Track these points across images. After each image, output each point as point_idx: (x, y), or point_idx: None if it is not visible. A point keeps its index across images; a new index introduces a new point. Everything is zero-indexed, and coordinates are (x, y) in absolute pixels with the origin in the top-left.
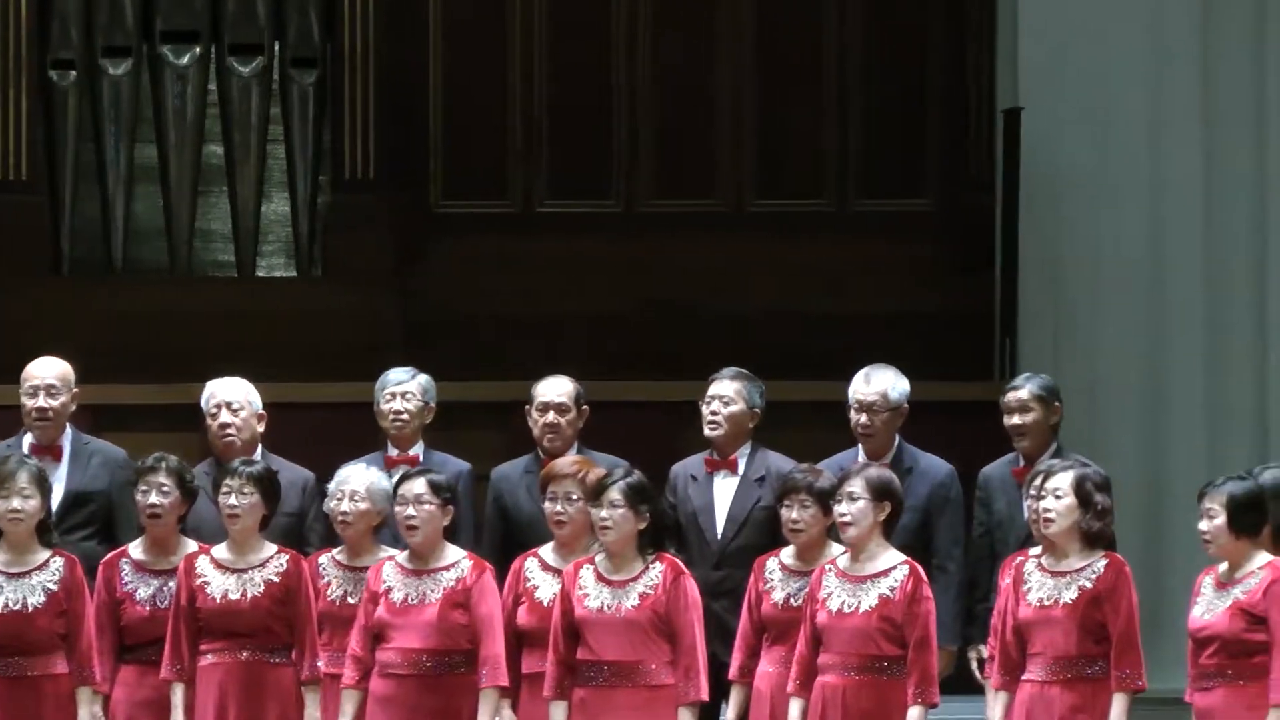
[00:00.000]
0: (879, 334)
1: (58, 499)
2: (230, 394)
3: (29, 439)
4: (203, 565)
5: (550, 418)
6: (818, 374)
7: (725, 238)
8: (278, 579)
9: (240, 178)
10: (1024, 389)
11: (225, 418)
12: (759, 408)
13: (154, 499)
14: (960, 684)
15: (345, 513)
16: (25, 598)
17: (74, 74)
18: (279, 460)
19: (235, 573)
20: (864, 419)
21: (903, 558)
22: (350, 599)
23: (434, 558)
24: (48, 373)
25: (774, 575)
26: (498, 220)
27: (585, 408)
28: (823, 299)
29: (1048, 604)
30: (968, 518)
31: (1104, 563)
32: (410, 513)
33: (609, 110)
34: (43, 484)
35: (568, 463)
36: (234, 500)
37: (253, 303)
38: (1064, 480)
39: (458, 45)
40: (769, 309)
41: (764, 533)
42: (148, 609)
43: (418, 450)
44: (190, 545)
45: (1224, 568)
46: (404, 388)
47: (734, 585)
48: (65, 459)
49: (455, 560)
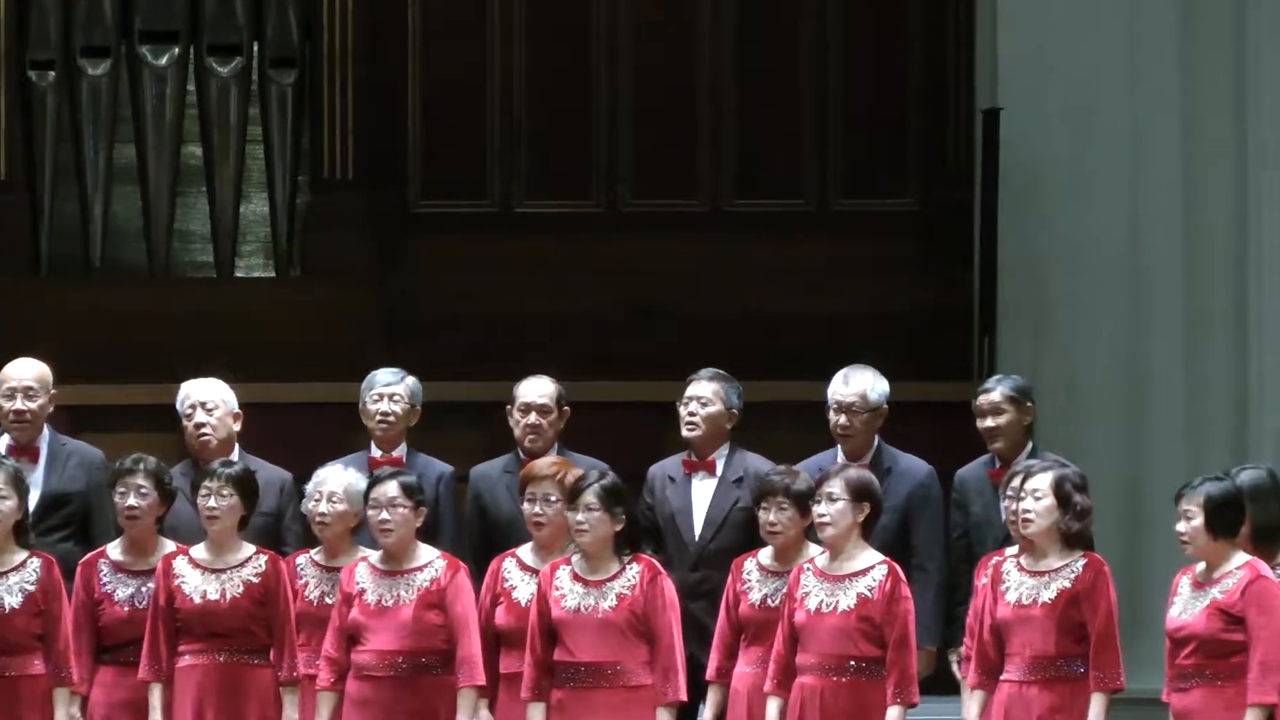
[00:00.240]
0: (858, 334)
1: (35, 500)
2: (204, 394)
3: (6, 440)
4: (181, 566)
5: (532, 418)
6: (797, 374)
7: (705, 238)
8: (257, 579)
9: (219, 178)
10: (996, 391)
11: (200, 417)
12: (737, 409)
13: (132, 501)
14: (940, 684)
15: (323, 514)
16: (2, 598)
17: (52, 74)
18: (256, 460)
19: (214, 573)
20: (843, 420)
21: (881, 557)
22: (328, 600)
23: (407, 558)
24: (25, 375)
25: (752, 576)
26: (477, 220)
27: (566, 409)
28: (802, 299)
29: (1026, 604)
30: (947, 518)
31: (1083, 562)
32: (384, 516)
33: (588, 110)
34: (19, 485)
35: (546, 464)
36: (213, 502)
37: (231, 303)
38: (1043, 481)
39: (437, 45)
40: (748, 309)
41: (742, 534)
42: (126, 609)
43: (401, 451)
44: (168, 546)
45: (1201, 568)
46: (392, 389)
47: (712, 586)
48: (42, 460)
49: (429, 560)
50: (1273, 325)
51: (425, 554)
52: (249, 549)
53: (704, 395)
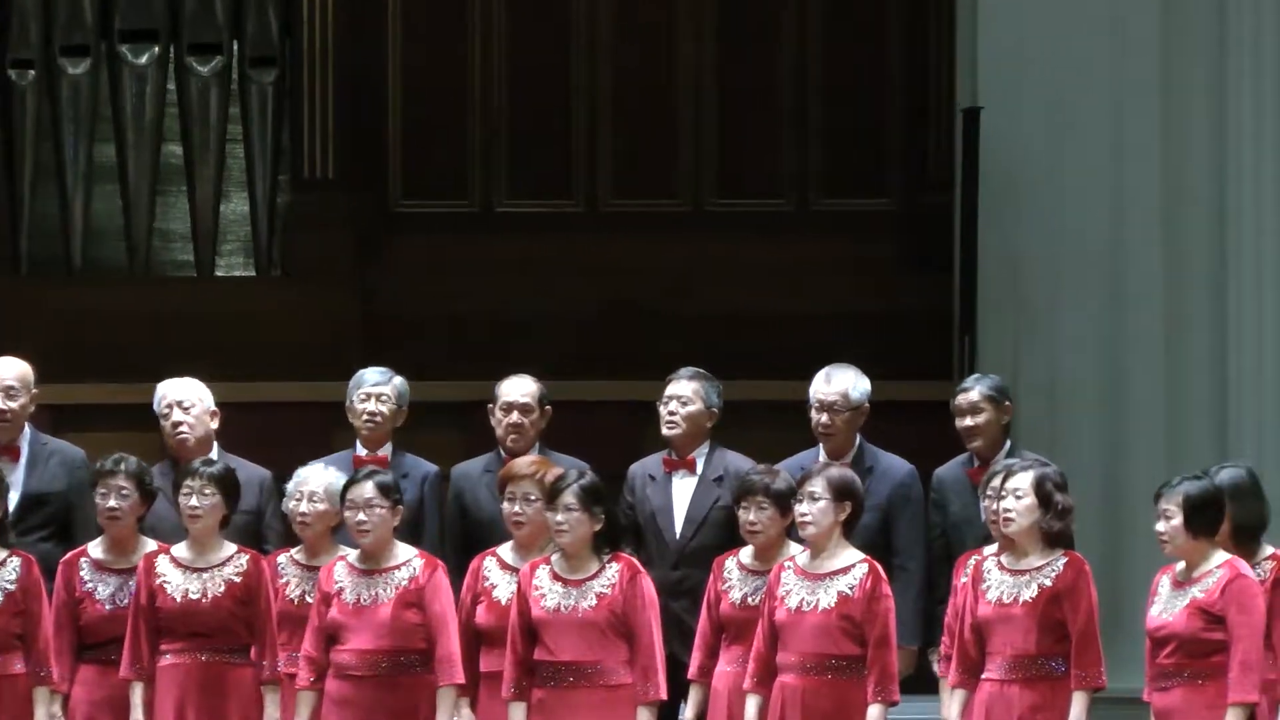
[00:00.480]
0: (839, 333)
1: (15, 500)
2: (181, 393)
3: None
4: (162, 565)
5: (514, 418)
6: (778, 374)
7: (686, 237)
8: (238, 578)
9: (199, 177)
10: (974, 390)
11: (177, 416)
12: (717, 407)
13: (113, 502)
14: (921, 683)
15: (304, 513)
16: None
17: (32, 73)
18: (235, 459)
19: (196, 572)
20: (825, 419)
21: (862, 556)
22: (309, 599)
23: (385, 557)
24: (7, 374)
25: (732, 575)
26: (457, 220)
27: (548, 408)
28: (783, 299)
29: (1007, 602)
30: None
31: (1064, 561)
32: (361, 517)
33: (569, 110)
34: None
35: (525, 463)
36: (195, 501)
37: (212, 302)
38: (1024, 480)
39: (417, 44)
40: (730, 308)
41: (722, 532)
42: (107, 608)
43: (387, 451)
44: (150, 544)
45: (1181, 567)
46: (379, 389)
47: (693, 585)
48: (23, 460)
49: (407, 559)
50: (1252, 324)
51: (403, 553)
52: (230, 548)
53: (684, 394)
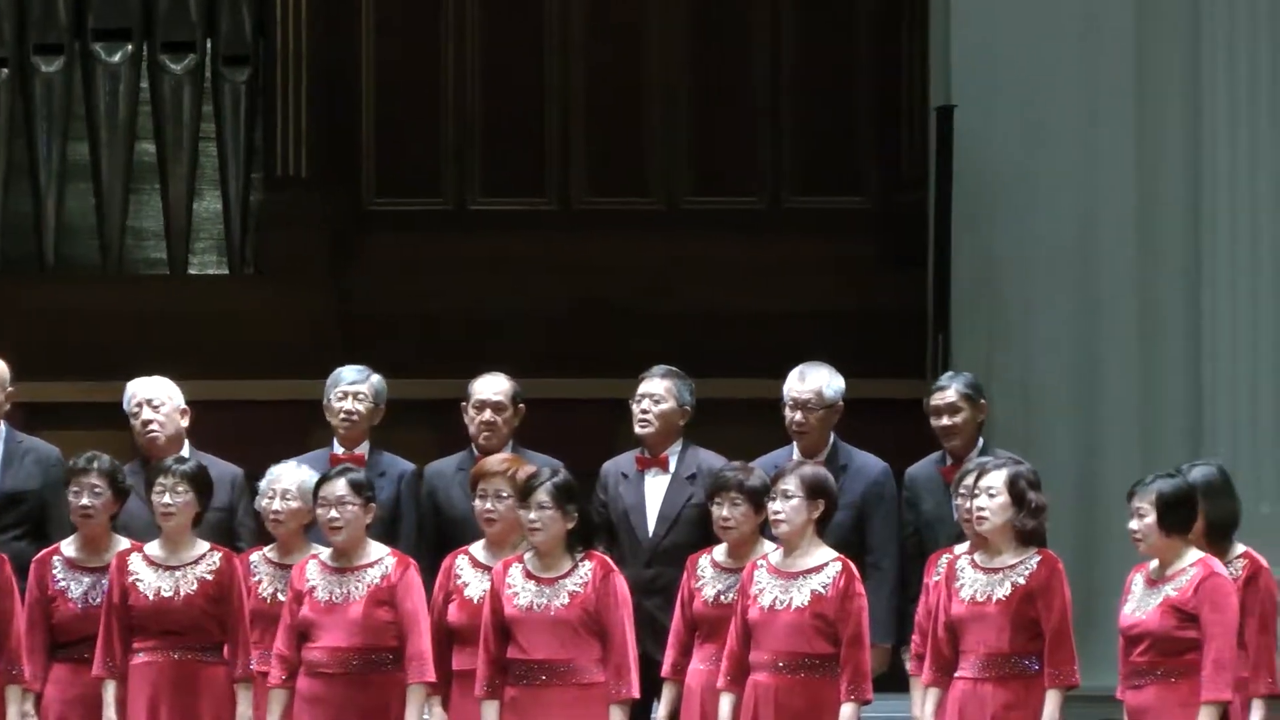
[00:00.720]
0: (813, 332)
1: None
2: (150, 391)
3: None
4: (135, 563)
5: (487, 416)
6: (752, 372)
7: (659, 236)
8: (211, 576)
9: (172, 175)
10: (951, 389)
11: (147, 414)
12: (690, 405)
13: (86, 500)
14: (894, 681)
15: (277, 511)
16: None
17: (5, 71)
18: (206, 456)
19: (169, 570)
20: (799, 417)
21: (835, 554)
22: (281, 597)
23: (357, 555)
24: None
25: (706, 573)
26: (431, 218)
27: (522, 406)
28: (756, 297)
29: (981, 600)
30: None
31: (1037, 559)
32: (333, 515)
33: (542, 108)
34: None
35: (497, 460)
36: (168, 499)
37: (185, 300)
38: (997, 479)
39: (390, 43)
40: (703, 307)
41: (695, 530)
42: (80, 606)
43: (364, 449)
44: (123, 543)
45: (1155, 565)
46: (356, 388)
47: (666, 583)
48: None
49: (379, 557)
50: (1226, 322)
51: (375, 551)
52: (203, 546)
53: (656, 392)
